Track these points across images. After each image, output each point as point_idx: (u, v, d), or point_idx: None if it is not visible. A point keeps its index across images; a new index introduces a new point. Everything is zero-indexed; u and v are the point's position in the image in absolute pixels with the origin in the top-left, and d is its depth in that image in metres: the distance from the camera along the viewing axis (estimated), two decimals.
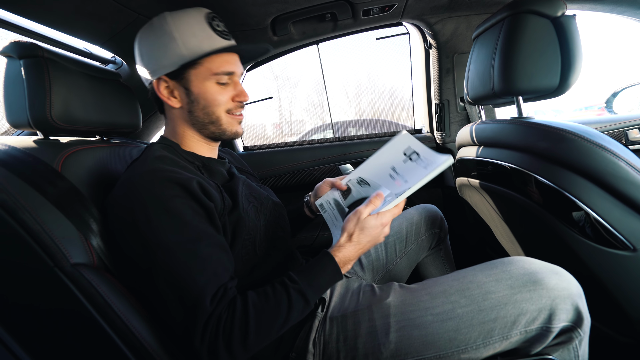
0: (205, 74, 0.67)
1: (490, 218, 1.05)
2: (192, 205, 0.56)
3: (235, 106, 0.71)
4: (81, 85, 0.73)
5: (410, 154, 0.71)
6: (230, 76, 0.69)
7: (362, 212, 0.62)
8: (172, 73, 0.67)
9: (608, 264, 0.67)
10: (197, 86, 0.67)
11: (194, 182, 0.58)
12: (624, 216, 0.63)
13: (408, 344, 0.59)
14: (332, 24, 1.27)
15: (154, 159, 0.61)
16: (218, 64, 0.67)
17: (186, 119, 0.70)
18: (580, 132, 0.65)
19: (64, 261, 0.52)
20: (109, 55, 1.09)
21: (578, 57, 0.71)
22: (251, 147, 1.67)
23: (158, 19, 0.66)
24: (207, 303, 0.51)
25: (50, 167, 0.60)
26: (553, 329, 0.57)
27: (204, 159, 0.72)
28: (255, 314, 0.53)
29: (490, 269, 0.63)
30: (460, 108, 1.51)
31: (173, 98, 0.68)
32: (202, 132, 0.71)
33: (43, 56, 0.66)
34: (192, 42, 0.65)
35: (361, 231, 0.62)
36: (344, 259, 0.62)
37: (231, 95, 0.70)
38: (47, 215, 0.54)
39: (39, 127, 0.67)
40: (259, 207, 0.72)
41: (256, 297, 0.55)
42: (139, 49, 0.69)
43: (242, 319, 0.52)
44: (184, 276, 0.52)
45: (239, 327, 0.51)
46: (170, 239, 0.53)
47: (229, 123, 0.71)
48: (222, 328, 0.50)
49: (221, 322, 0.51)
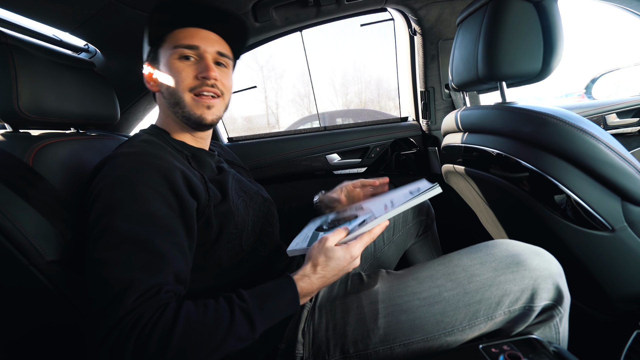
0: (168, 49, 0.65)
1: (476, 204, 1.07)
2: (166, 196, 0.53)
3: (200, 84, 0.64)
4: (51, 74, 0.69)
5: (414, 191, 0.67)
6: (197, 51, 0.65)
7: (327, 239, 0.56)
8: (150, 56, 0.66)
9: (588, 244, 0.69)
10: (163, 64, 0.66)
11: (177, 172, 0.55)
12: (603, 198, 0.65)
13: (396, 329, 0.60)
14: (315, 10, 1.24)
15: (141, 141, 0.60)
16: (180, 37, 0.65)
17: (163, 103, 0.69)
18: (562, 116, 0.65)
19: (39, 259, 0.50)
20: (81, 43, 1.03)
21: (560, 41, 0.72)
22: (236, 138, 1.64)
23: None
24: (129, 300, 0.43)
25: (20, 161, 0.57)
26: (535, 307, 0.58)
27: (193, 149, 0.70)
28: (186, 327, 0.44)
29: (475, 253, 0.64)
30: (446, 95, 1.51)
31: (152, 82, 0.68)
32: (177, 116, 0.67)
33: (7, 43, 0.62)
34: (159, 17, 0.64)
35: (327, 262, 0.55)
36: (305, 290, 0.55)
37: (194, 73, 0.64)
38: (18, 212, 0.51)
39: (6, 118, 0.63)
40: (248, 201, 0.71)
41: (193, 309, 0.46)
42: None
43: (166, 329, 0.42)
44: (118, 265, 0.45)
45: (158, 336, 0.42)
46: (123, 224, 0.47)
47: (193, 106, 0.65)
48: (137, 331, 0.41)
49: (139, 324, 0.42)
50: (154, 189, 0.52)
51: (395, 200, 0.68)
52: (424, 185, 0.66)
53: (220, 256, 0.62)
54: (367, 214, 0.66)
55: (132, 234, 0.48)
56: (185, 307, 0.46)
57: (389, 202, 0.69)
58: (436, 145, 1.54)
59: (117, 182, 0.51)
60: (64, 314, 0.52)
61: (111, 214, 0.49)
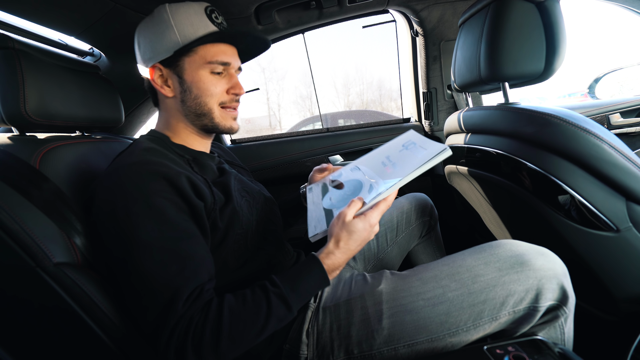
0: (200, 62, 0.66)
1: (479, 204, 1.07)
2: (177, 202, 0.55)
3: (230, 99, 0.69)
4: (57, 78, 0.70)
5: (408, 145, 0.68)
6: (226, 67, 0.68)
7: (345, 214, 0.58)
8: (167, 61, 0.66)
9: (592, 245, 0.68)
10: (190, 74, 0.66)
11: (182, 177, 0.56)
12: (607, 198, 0.64)
13: (400, 330, 0.60)
14: (317, 12, 1.24)
15: (143, 150, 0.60)
16: (213, 52, 0.66)
17: (179, 110, 0.68)
18: (565, 116, 0.65)
19: (46, 261, 0.51)
20: (86, 47, 1.04)
21: (562, 41, 0.72)
22: (239, 140, 1.65)
23: (158, 9, 0.66)
24: (179, 305, 0.48)
25: (28, 164, 0.58)
26: (540, 308, 0.58)
27: (194, 152, 0.71)
28: (231, 318, 0.50)
29: (479, 253, 0.64)
30: (448, 96, 1.51)
31: (166, 87, 0.68)
32: (194, 124, 0.69)
33: (14, 48, 0.63)
34: (187, 29, 0.64)
35: (349, 236, 0.57)
36: (332, 266, 0.58)
37: (225, 88, 0.69)
38: (26, 215, 0.52)
39: (14, 122, 0.64)
40: (251, 201, 0.72)
41: (233, 301, 0.52)
42: (137, 38, 0.69)
43: (215, 323, 0.49)
44: (160, 275, 0.49)
45: (210, 331, 0.48)
46: (149, 236, 0.51)
47: (222, 117, 0.69)
48: (192, 331, 0.48)
49: (192, 324, 0.48)
50: (166, 197, 0.54)
51: (392, 157, 0.67)
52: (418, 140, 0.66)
53: (226, 256, 0.62)
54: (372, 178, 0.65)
55: (160, 244, 0.51)
56: (227, 301, 0.52)
57: (386, 159, 0.68)
58: None
59: (129, 196, 0.52)
60: (69, 315, 0.52)
61: (134, 229, 0.51)
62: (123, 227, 0.51)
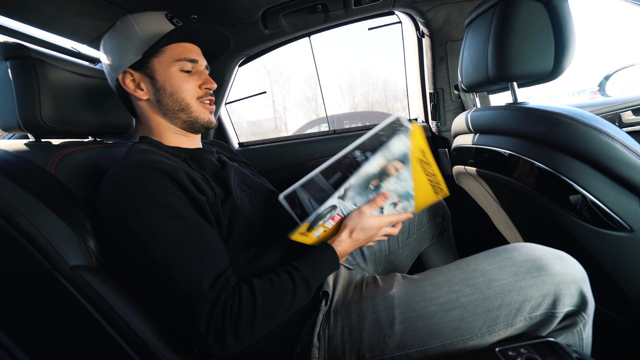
0: (169, 60, 0.68)
1: (488, 205, 1.06)
2: (180, 196, 0.56)
3: (205, 93, 0.71)
4: (71, 85, 0.72)
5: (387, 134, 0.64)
6: (194, 65, 0.70)
7: (364, 212, 0.63)
8: (136, 65, 0.67)
9: (606, 245, 0.67)
10: (161, 73, 0.68)
11: (181, 172, 0.58)
12: (620, 197, 0.63)
13: (413, 335, 0.59)
14: (323, 15, 1.25)
15: (139, 152, 0.61)
16: (180, 51, 0.69)
17: (156, 110, 0.70)
18: (575, 115, 0.65)
19: (62, 264, 0.52)
20: (97, 54, 1.07)
21: (571, 40, 0.71)
22: (246, 143, 1.66)
23: (120, 19, 0.69)
24: (206, 291, 0.50)
25: (44, 170, 0.59)
26: (557, 314, 0.57)
27: (190, 150, 0.72)
28: (263, 298, 0.54)
29: (494, 257, 0.63)
30: (455, 96, 1.50)
31: (139, 90, 0.69)
32: (174, 122, 0.71)
33: (30, 57, 0.65)
34: (152, 30, 0.67)
35: (362, 230, 0.64)
36: (343, 252, 0.65)
37: (198, 83, 0.71)
38: (42, 219, 0.53)
39: (30, 129, 0.65)
40: (252, 195, 0.72)
41: (262, 283, 0.56)
42: (103, 49, 0.71)
43: (250, 304, 0.53)
44: (180, 267, 0.51)
45: (246, 311, 0.52)
46: (163, 231, 0.52)
47: (200, 111, 0.71)
48: (228, 313, 0.51)
49: (227, 307, 0.51)
50: (170, 193, 0.55)
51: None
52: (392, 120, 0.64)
53: (234, 251, 0.63)
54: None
55: (175, 239, 0.52)
56: (257, 283, 0.56)
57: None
58: (446, 147, 1.53)
59: (134, 196, 0.53)
60: (84, 317, 0.53)
61: (146, 227, 0.52)
62: (135, 228, 0.52)
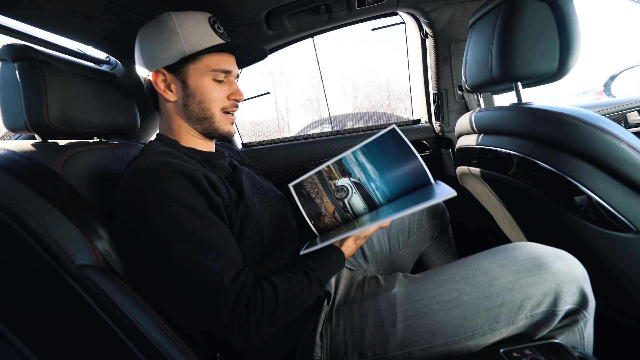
0: (204, 69, 0.68)
1: (492, 206, 1.05)
2: (200, 198, 0.57)
3: (231, 104, 0.73)
4: (77, 86, 0.72)
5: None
6: (227, 75, 0.71)
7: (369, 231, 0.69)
8: (171, 66, 0.68)
9: (611, 246, 0.67)
10: (194, 80, 0.68)
11: (199, 174, 0.58)
12: (626, 198, 0.63)
13: (415, 333, 0.60)
14: (327, 16, 1.25)
15: (157, 153, 0.62)
16: (217, 61, 0.69)
17: (180, 113, 0.71)
18: (580, 115, 0.64)
19: (69, 263, 0.52)
20: (103, 56, 1.07)
21: (576, 40, 0.71)
22: (250, 144, 1.67)
23: (163, 16, 0.68)
24: (228, 286, 0.52)
25: (51, 170, 0.60)
26: (559, 312, 0.57)
27: (204, 153, 0.73)
28: (284, 294, 0.57)
29: (495, 255, 0.63)
30: (459, 97, 1.50)
31: (169, 91, 0.70)
32: (195, 127, 0.72)
33: (37, 58, 0.65)
34: (193, 38, 0.67)
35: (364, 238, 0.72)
36: (347, 254, 0.69)
37: (227, 94, 0.72)
38: (49, 218, 0.54)
39: (37, 130, 0.66)
40: (263, 198, 0.73)
41: (281, 281, 0.59)
42: (139, 42, 0.71)
43: (272, 299, 0.55)
44: (203, 264, 0.52)
45: (269, 306, 0.54)
46: (185, 230, 0.53)
47: (222, 122, 0.72)
48: (252, 307, 0.53)
49: (250, 301, 0.53)
50: (189, 194, 0.56)
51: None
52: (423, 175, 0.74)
53: (244, 251, 0.63)
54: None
55: (197, 238, 0.54)
56: (277, 281, 0.58)
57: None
58: (450, 147, 1.53)
59: (155, 196, 0.54)
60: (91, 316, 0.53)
61: (168, 226, 0.53)
62: (158, 228, 0.52)
